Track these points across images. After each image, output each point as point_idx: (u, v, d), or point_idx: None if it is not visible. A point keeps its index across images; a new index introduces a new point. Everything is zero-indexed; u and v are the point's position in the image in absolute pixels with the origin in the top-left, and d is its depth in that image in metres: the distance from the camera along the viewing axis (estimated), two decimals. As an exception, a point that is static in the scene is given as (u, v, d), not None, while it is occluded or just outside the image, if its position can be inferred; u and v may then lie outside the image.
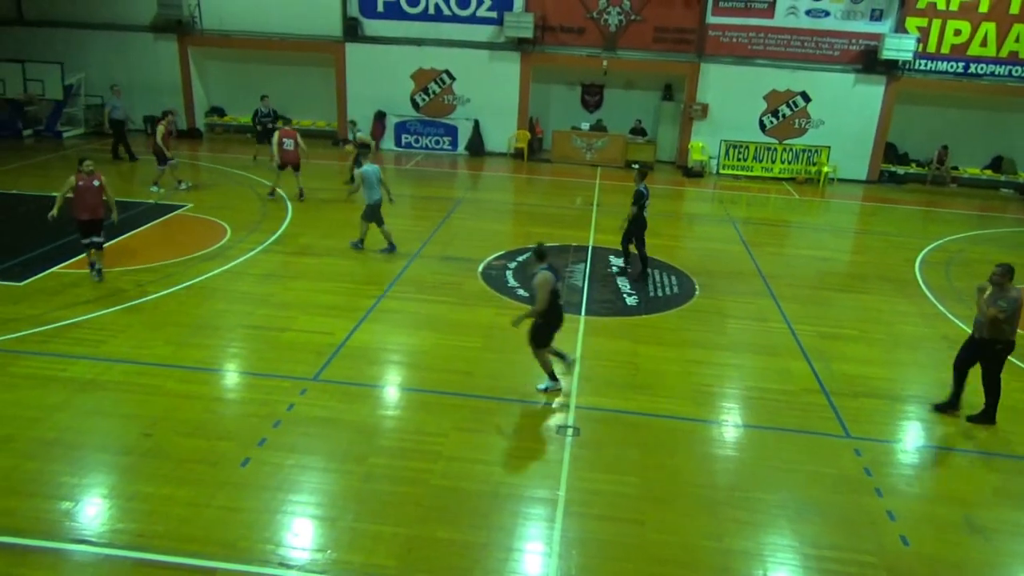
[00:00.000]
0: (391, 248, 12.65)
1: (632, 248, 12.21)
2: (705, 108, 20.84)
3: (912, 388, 9.00)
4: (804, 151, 20.82)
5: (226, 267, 11.65)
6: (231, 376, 8.59)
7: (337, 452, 7.04)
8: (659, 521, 6.29)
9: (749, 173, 20.98)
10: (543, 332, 8.04)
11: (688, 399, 8.36)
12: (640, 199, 11.67)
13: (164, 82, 22.06)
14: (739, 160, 21.04)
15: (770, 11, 20.00)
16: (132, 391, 7.94)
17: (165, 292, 10.55)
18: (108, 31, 21.73)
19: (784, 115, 20.85)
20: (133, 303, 10.14)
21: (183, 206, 14.84)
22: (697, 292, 11.70)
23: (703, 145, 21.07)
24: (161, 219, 14.02)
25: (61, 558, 5.60)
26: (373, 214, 12.48)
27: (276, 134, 16.03)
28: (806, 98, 20.65)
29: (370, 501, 6.36)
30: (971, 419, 8.13)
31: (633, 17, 20.43)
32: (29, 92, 20.75)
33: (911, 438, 7.98)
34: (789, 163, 20.94)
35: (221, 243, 12.71)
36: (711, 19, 20.25)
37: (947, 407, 8.28)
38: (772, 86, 20.60)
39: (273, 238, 13.13)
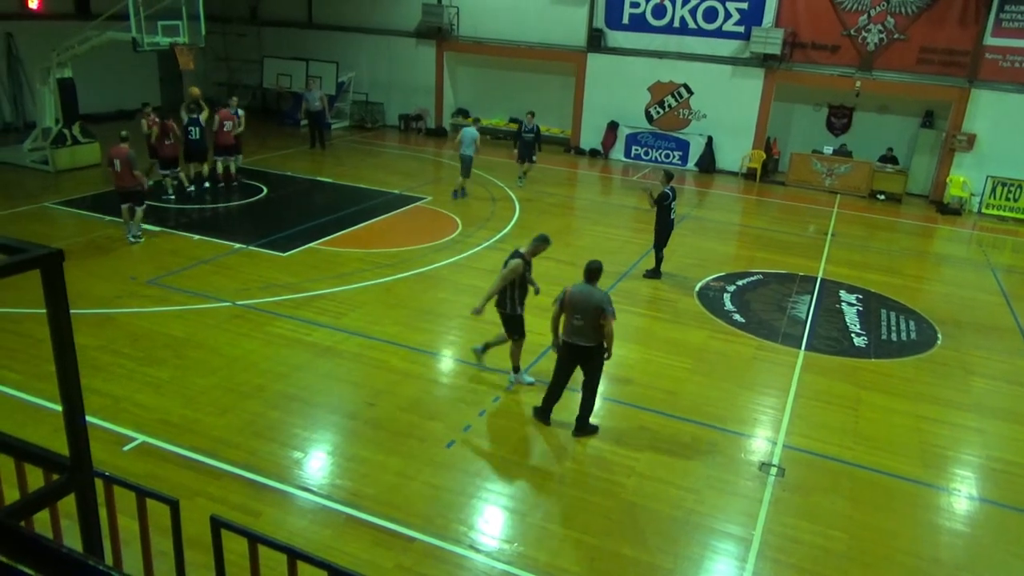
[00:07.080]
0: (462, 192, 16.13)
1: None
2: (972, 139, 18.62)
3: None
4: (1095, 196, 17.91)
5: (453, 259, 12.42)
6: (447, 362, 9.18)
7: (534, 450, 7.26)
8: (864, 585, 5.77)
9: (1019, 216, 18.44)
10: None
11: (915, 458, 7.56)
12: (664, 199, 11.79)
13: (420, 83, 24.00)
14: (1008, 200, 18.55)
15: (1068, 34, 17.43)
16: (362, 362, 8.76)
17: (398, 276, 11.48)
18: (379, 35, 24.09)
19: (1073, 153, 18.06)
20: (370, 283, 11.16)
21: (423, 198, 16.04)
22: (939, 342, 10.53)
23: (965, 180, 18.85)
24: (402, 209, 15.26)
25: (287, 500, 6.33)
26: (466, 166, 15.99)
27: (216, 116, 15.12)
28: (1105, 135, 17.74)
29: (561, 504, 6.49)
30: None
31: (896, 36, 18.78)
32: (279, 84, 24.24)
33: None
34: (1073, 208, 18.13)
35: (451, 236, 13.58)
36: (990, 40, 18.03)
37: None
38: (1061, 119, 17.94)
39: (498, 236, 13.77)
